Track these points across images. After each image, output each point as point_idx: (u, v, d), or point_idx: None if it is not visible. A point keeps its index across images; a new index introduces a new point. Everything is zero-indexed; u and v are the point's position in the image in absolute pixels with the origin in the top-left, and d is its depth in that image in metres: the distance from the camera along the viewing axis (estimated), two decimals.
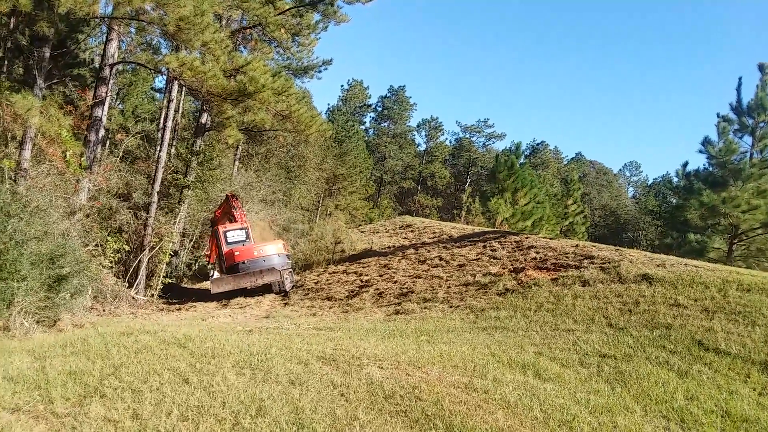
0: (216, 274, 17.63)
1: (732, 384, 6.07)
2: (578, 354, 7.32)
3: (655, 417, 5.26)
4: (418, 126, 68.94)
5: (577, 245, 14.82)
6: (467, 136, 68.91)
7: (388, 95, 68.61)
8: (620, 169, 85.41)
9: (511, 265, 14.01)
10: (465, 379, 5.85)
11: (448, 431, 4.42)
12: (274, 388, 5.13)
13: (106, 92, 14.95)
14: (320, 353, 6.56)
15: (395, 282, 14.88)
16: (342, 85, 69.79)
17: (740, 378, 6.24)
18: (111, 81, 15.94)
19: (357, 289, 15.11)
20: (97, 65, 22.34)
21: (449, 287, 13.17)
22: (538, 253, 14.67)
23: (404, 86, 69.42)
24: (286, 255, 17.53)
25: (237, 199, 19.02)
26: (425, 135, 68.07)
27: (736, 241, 17.64)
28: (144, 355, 6.13)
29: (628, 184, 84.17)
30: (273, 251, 16.95)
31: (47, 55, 13.36)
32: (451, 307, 11.60)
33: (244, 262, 16.46)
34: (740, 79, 19.02)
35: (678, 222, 20.61)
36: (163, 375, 5.38)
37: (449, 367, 6.35)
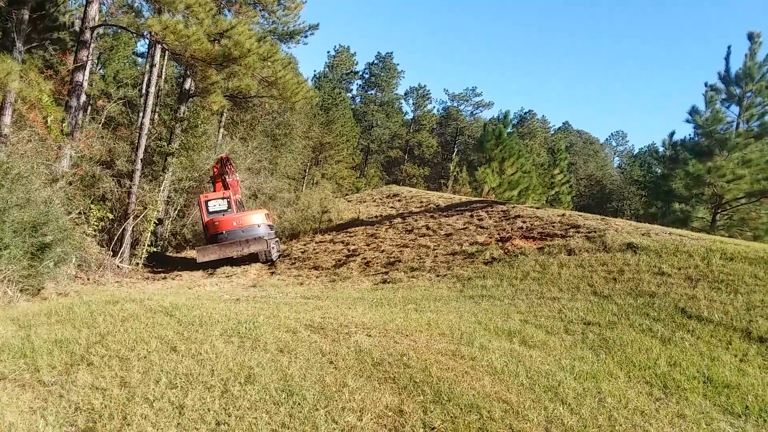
0: None
1: (714, 351, 6.19)
2: (563, 321, 7.40)
3: (638, 383, 5.35)
4: (405, 94, 68.39)
5: (563, 215, 14.90)
6: (455, 104, 68.57)
7: (375, 62, 67.77)
8: (607, 139, 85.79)
9: (498, 234, 14.07)
10: (452, 347, 5.90)
11: (436, 397, 4.46)
12: (263, 356, 5.13)
13: (87, 56, 14.56)
14: (308, 321, 6.56)
15: (382, 251, 14.91)
16: (328, 52, 68.88)
17: (722, 345, 6.36)
18: (92, 45, 15.52)
19: (344, 258, 15.12)
20: (77, 29, 21.73)
21: (436, 256, 13.22)
22: (524, 222, 14.74)
23: (392, 53, 68.72)
24: (268, 225, 17.33)
25: (230, 163, 18.73)
26: (413, 103, 67.52)
27: (719, 211, 17.83)
28: (130, 324, 6.09)
29: (614, 153, 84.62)
30: (254, 221, 16.75)
31: (26, 17, 12.96)
32: (438, 276, 11.66)
33: (222, 233, 16.34)
34: (729, 47, 18.98)
35: (662, 191, 20.76)
36: (151, 343, 5.35)
37: (436, 335, 6.39)
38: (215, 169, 18.91)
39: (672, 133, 19.70)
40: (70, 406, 4.04)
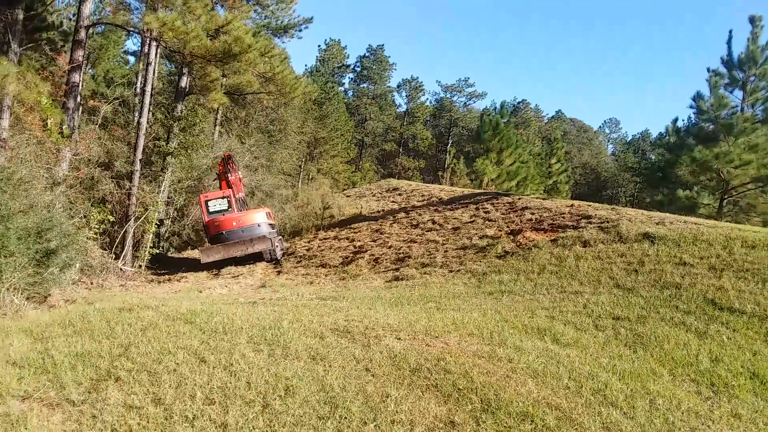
0: None
1: (753, 344, 6.04)
2: (591, 317, 7.23)
3: (684, 381, 5.19)
4: (398, 86, 68.02)
5: (572, 205, 14.75)
6: (448, 95, 68.18)
7: (366, 55, 67.32)
8: (600, 127, 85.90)
9: (507, 227, 13.89)
10: (487, 348, 5.71)
11: (485, 405, 4.27)
12: (297, 365, 4.92)
13: (83, 56, 14.22)
14: (333, 325, 6.35)
15: (390, 247, 14.70)
16: (319, 46, 68.24)
17: (760, 337, 6.21)
18: (86, 44, 15.16)
19: (351, 255, 14.91)
20: (66, 29, 21.32)
21: (446, 251, 13.03)
22: (533, 214, 14.57)
23: (383, 45, 68.17)
24: (269, 224, 17.07)
25: (232, 161, 18.47)
26: (406, 96, 67.18)
27: (726, 197, 17.73)
28: (151, 333, 5.85)
29: (608, 141, 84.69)
30: (255, 220, 16.53)
31: (20, 17, 12.57)
32: (451, 271, 11.46)
33: (222, 233, 16.14)
34: (730, 32, 18.85)
35: (655, 178, 20.63)
36: (177, 354, 5.12)
37: (466, 336, 6.20)
38: (220, 167, 18.65)
39: (675, 120, 19.69)
40: (106, 427, 3.81)
